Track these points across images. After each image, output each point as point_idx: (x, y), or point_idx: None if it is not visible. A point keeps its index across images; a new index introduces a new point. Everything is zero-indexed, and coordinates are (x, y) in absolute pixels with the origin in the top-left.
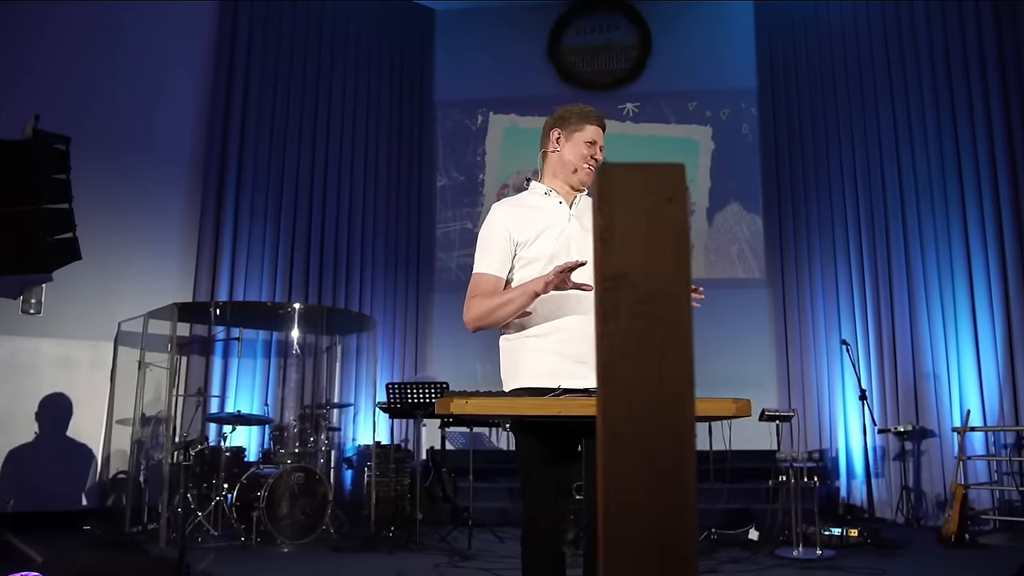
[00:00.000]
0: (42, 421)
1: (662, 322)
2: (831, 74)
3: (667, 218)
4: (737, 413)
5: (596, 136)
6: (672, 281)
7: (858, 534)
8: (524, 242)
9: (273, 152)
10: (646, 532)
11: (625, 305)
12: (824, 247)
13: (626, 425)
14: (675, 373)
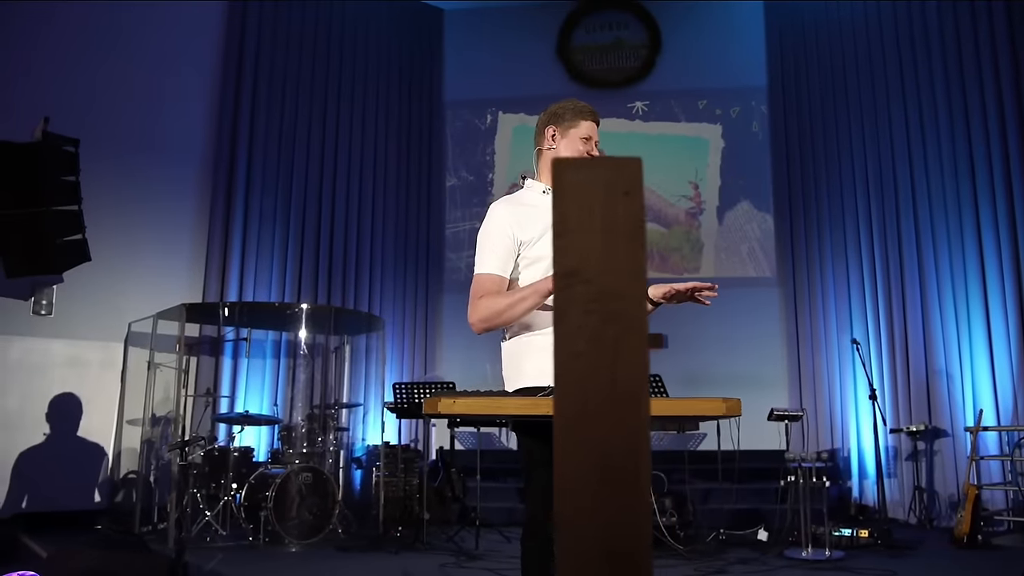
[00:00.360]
0: (53, 421)
1: (616, 319)
2: (842, 72)
3: (623, 213)
4: (727, 413)
5: (591, 131)
6: (627, 277)
7: (868, 535)
8: (528, 241)
9: (282, 152)
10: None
11: (578, 302)
12: (835, 245)
13: (578, 427)
14: (629, 373)
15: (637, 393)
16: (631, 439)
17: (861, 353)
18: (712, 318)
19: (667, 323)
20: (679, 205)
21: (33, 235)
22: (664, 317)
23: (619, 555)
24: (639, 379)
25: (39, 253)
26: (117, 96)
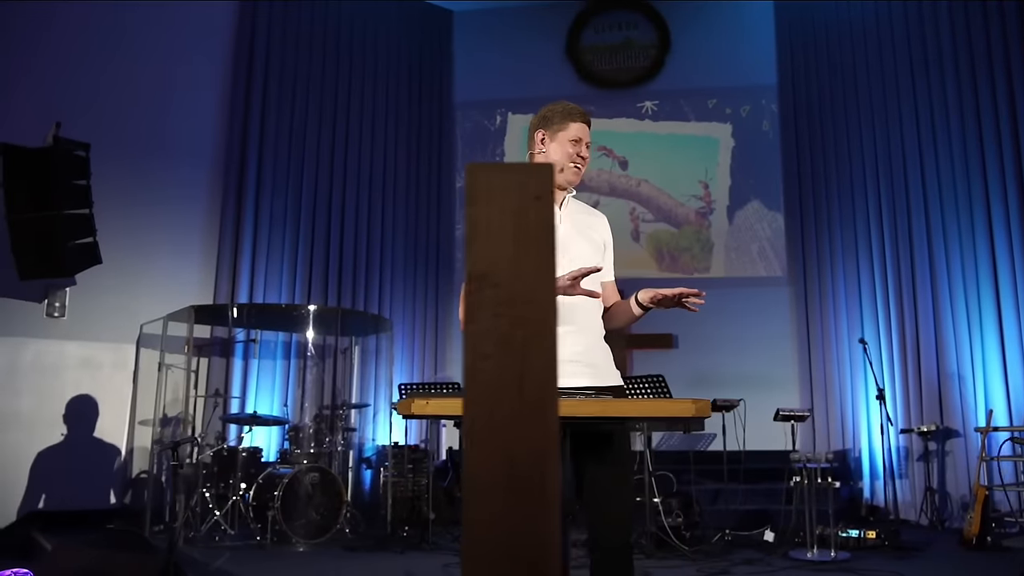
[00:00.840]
0: (68, 422)
1: (525, 324)
2: (852, 70)
3: (533, 217)
4: (696, 414)
5: (581, 133)
6: (536, 281)
7: (876, 536)
8: None
9: (292, 154)
10: (502, 546)
11: (488, 305)
12: (846, 245)
13: (486, 431)
14: (537, 376)
15: (545, 398)
16: (539, 444)
17: (869, 353)
18: (722, 318)
19: (677, 323)
20: (689, 205)
21: (45, 238)
22: (673, 317)
23: (523, 562)
24: (547, 383)
25: (51, 256)
26: (127, 99)
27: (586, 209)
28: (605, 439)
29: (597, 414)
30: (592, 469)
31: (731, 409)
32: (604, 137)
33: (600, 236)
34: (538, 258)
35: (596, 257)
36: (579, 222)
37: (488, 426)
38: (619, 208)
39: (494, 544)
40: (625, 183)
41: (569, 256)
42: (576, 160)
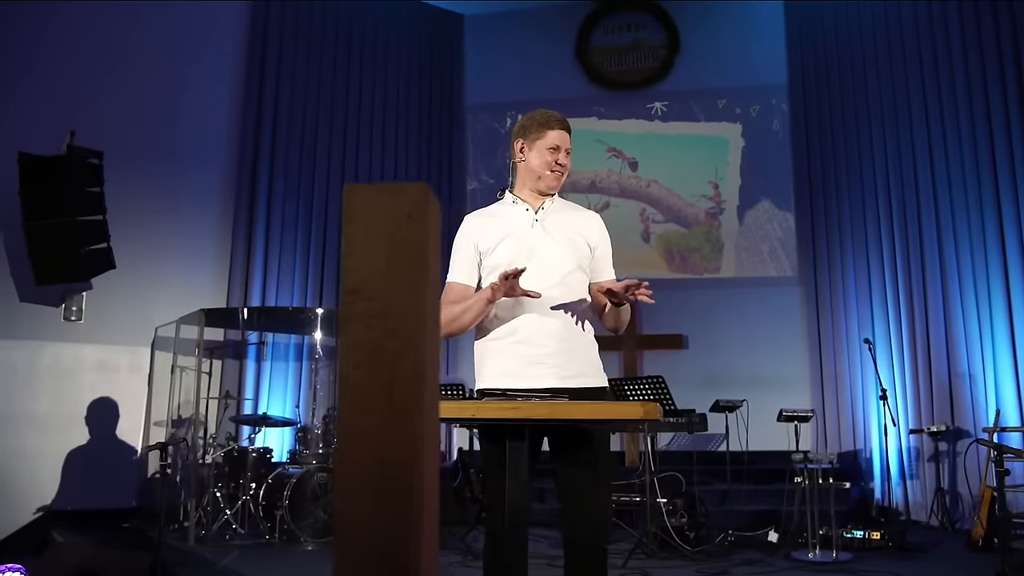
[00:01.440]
0: (89, 424)
1: (395, 335)
2: (862, 69)
3: (405, 234)
4: (645, 416)
5: (559, 140)
6: (408, 296)
7: (880, 537)
8: (486, 250)
9: (303, 157)
10: (372, 545)
11: (360, 318)
12: (857, 244)
13: (358, 436)
14: (407, 385)
15: (412, 408)
16: (407, 451)
17: (874, 353)
18: (732, 318)
19: (687, 324)
20: (699, 205)
21: (60, 244)
22: (684, 318)
23: (393, 562)
24: (415, 394)
25: (66, 261)
26: (140, 105)
27: (573, 211)
28: (580, 441)
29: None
30: (567, 471)
31: (734, 410)
32: (613, 138)
33: (584, 237)
34: (409, 273)
35: (568, 259)
36: (558, 224)
37: (360, 431)
38: (629, 209)
39: (363, 542)
40: (635, 184)
41: (536, 258)
42: (554, 167)
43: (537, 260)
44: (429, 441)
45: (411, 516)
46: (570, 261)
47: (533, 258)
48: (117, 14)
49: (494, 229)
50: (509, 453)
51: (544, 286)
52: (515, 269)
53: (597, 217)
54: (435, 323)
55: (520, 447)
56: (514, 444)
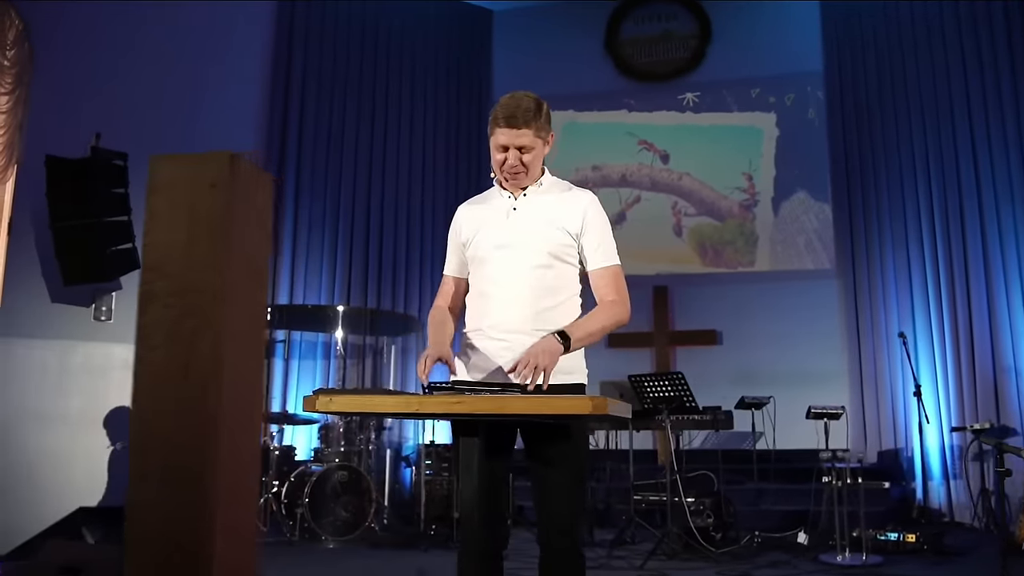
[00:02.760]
0: (116, 422)
1: (194, 313)
2: (900, 54)
3: (207, 206)
4: (593, 411)
5: (506, 139)
6: (208, 271)
7: (915, 539)
8: (466, 242)
9: (330, 156)
10: (160, 531)
11: (160, 297)
12: (896, 235)
13: (149, 421)
14: (204, 367)
15: (208, 391)
16: (198, 437)
17: (907, 347)
18: (768, 313)
19: (720, 319)
20: (732, 197)
21: (86, 245)
22: (717, 313)
23: (180, 547)
24: (211, 374)
25: (92, 262)
26: (165, 106)
27: (557, 196)
28: (549, 437)
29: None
30: (535, 468)
31: (761, 407)
32: (644, 131)
33: (563, 224)
34: (210, 247)
35: (538, 251)
36: (536, 214)
37: (152, 416)
38: (661, 203)
39: (152, 529)
40: (667, 177)
41: (505, 252)
42: (504, 168)
43: (504, 255)
44: (235, 427)
45: (202, 503)
46: (540, 254)
47: (501, 252)
48: (142, 15)
49: (476, 219)
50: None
51: (512, 280)
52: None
53: (586, 198)
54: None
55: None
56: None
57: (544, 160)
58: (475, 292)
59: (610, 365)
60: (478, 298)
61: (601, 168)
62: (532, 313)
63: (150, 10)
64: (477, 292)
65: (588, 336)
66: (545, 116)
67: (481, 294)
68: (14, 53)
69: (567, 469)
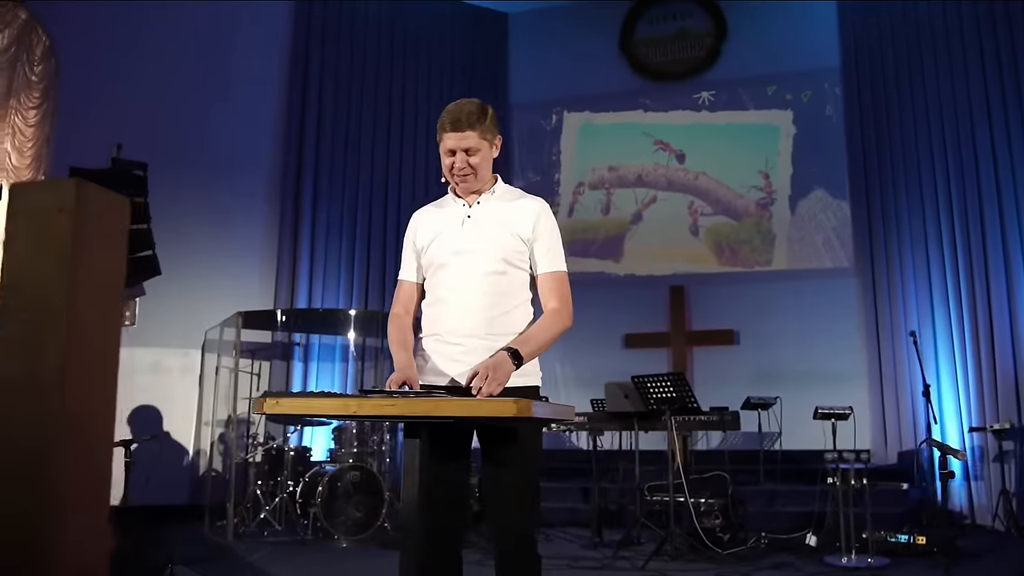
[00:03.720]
0: (141, 423)
1: (42, 327)
2: (918, 50)
3: (56, 230)
4: (518, 413)
5: (452, 141)
6: (55, 290)
7: (925, 542)
8: (421, 248)
9: (348, 160)
10: None
11: (13, 312)
12: (915, 232)
13: None
14: (49, 376)
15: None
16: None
17: (918, 346)
18: (786, 312)
19: (737, 318)
20: (749, 196)
21: None
22: (734, 312)
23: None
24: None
25: None
26: (185, 112)
27: (509, 202)
28: (500, 439)
29: (417, 413)
30: (490, 471)
31: (768, 407)
32: (660, 131)
33: (515, 230)
34: (57, 267)
35: (492, 257)
36: (489, 220)
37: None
38: (677, 202)
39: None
40: (683, 177)
41: (460, 259)
42: (454, 172)
43: (460, 261)
44: (82, 433)
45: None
46: (494, 260)
47: (457, 258)
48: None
49: (431, 226)
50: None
51: (468, 285)
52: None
53: (536, 205)
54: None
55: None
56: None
57: (567, 161)
58: (432, 298)
59: (626, 365)
60: (435, 304)
61: (617, 169)
62: (486, 318)
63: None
64: (435, 298)
65: (537, 350)
66: (490, 120)
67: (439, 300)
68: (41, 68)
69: (517, 471)
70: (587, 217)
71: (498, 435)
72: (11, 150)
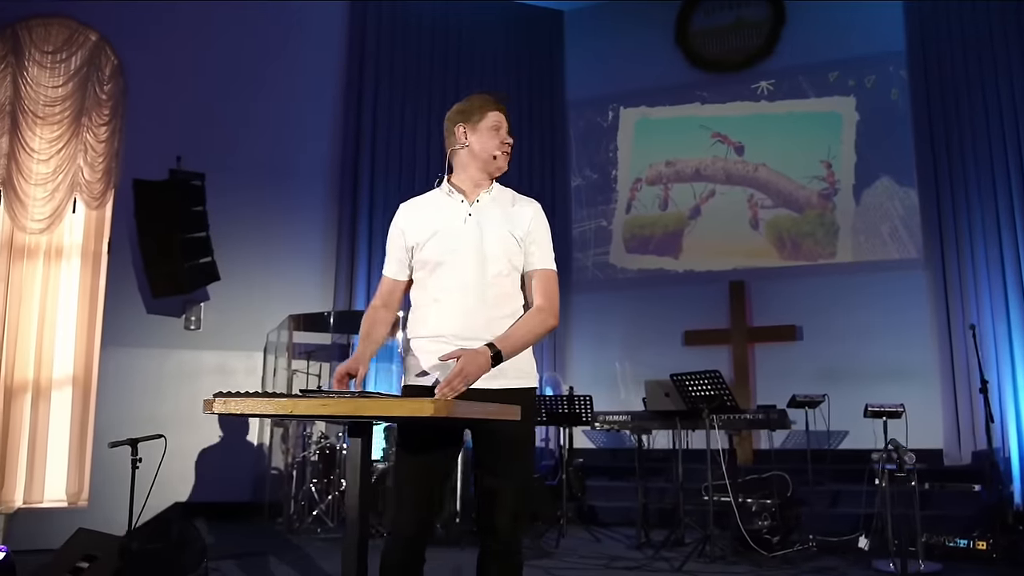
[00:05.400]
0: (207, 424)
1: None
2: (988, 28)
3: None
4: (434, 413)
5: (499, 120)
6: None
7: (986, 547)
8: (417, 244)
9: (403, 161)
10: None
11: None
12: (987, 220)
13: None
14: None
15: None
16: None
17: (977, 340)
18: (851, 306)
19: (800, 314)
20: (811, 187)
21: (169, 260)
22: (797, 308)
23: None
24: None
25: (175, 276)
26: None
27: (508, 202)
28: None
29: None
30: (479, 471)
31: (815, 406)
32: (718, 123)
33: (514, 231)
34: None
35: (499, 258)
36: (492, 219)
37: None
38: (736, 196)
39: None
40: (742, 169)
41: (465, 257)
42: (502, 147)
43: (466, 259)
44: None
45: None
46: (501, 260)
47: (461, 256)
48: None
49: (427, 222)
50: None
51: (469, 286)
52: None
53: (532, 206)
54: None
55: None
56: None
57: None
58: (428, 298)
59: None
60: (431, 304)
61: (675, 163)
62: (488, 320)
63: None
64: (431, 298)
65: (520, 348)
66: None
67: (435, 300)
68: (110, 87)
69: (504, 472)
70: (645, 213)
71: (488, 436)
72: (83, 165)
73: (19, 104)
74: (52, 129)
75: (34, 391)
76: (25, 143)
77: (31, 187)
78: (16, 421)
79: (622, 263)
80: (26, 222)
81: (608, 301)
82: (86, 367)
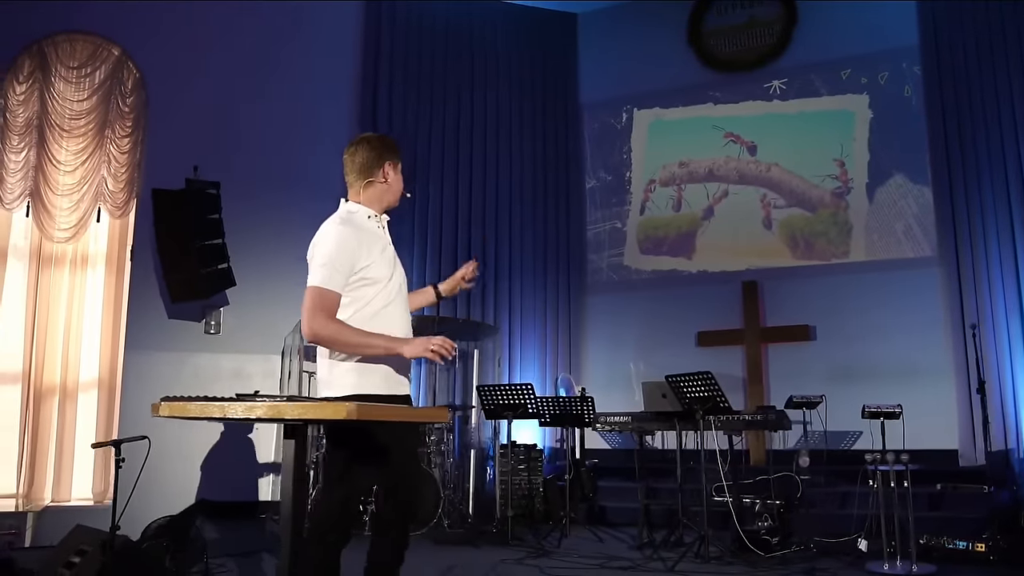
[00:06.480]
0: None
1: None
2: (1000, 22)
3: None
4: (347, 416)
5: None
6: None
7: (984, 549)
8: (366, 264)
9: (418, 163)
10: None
11: None
12: (1002, 218)
13: None
14: None
15: None
16: None
17: (978, 340)
18: (865, 305)
19: (813, 314)
20: (824, 186)
21: (186, 267)
22: (810, 307)
23: None
24: None
25: (192, 282)
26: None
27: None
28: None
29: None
30: None
31: (812, 407)
32: (730, 123)
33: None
34: None
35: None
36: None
37: None
38: (749, 196)
39: None
40: (754, 169)
41: (399, 274)
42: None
43: (397, 275)
44: None
45: None
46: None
47: (397, 274)
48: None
49: (371, 242)
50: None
51: (404, 300)
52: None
53: None
54: None
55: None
56: (285, 442)
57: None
58: (370, 310)
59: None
60: (375, 317)
61: (688, 164)
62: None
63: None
64: (372, 311)
65: None
66: None
67: (376, 314)
68: (132, 99)
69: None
70: (659, 214)
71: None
72: (107, 176)
73: (46, 118)
74: (77, 141)
75: (61, 393)
76: (52, 155)
77: (57, 198)
78: (45, 422)
79: (636, 264)
80: (53, 231)
81: (622, 303)
82: (111, 370)
